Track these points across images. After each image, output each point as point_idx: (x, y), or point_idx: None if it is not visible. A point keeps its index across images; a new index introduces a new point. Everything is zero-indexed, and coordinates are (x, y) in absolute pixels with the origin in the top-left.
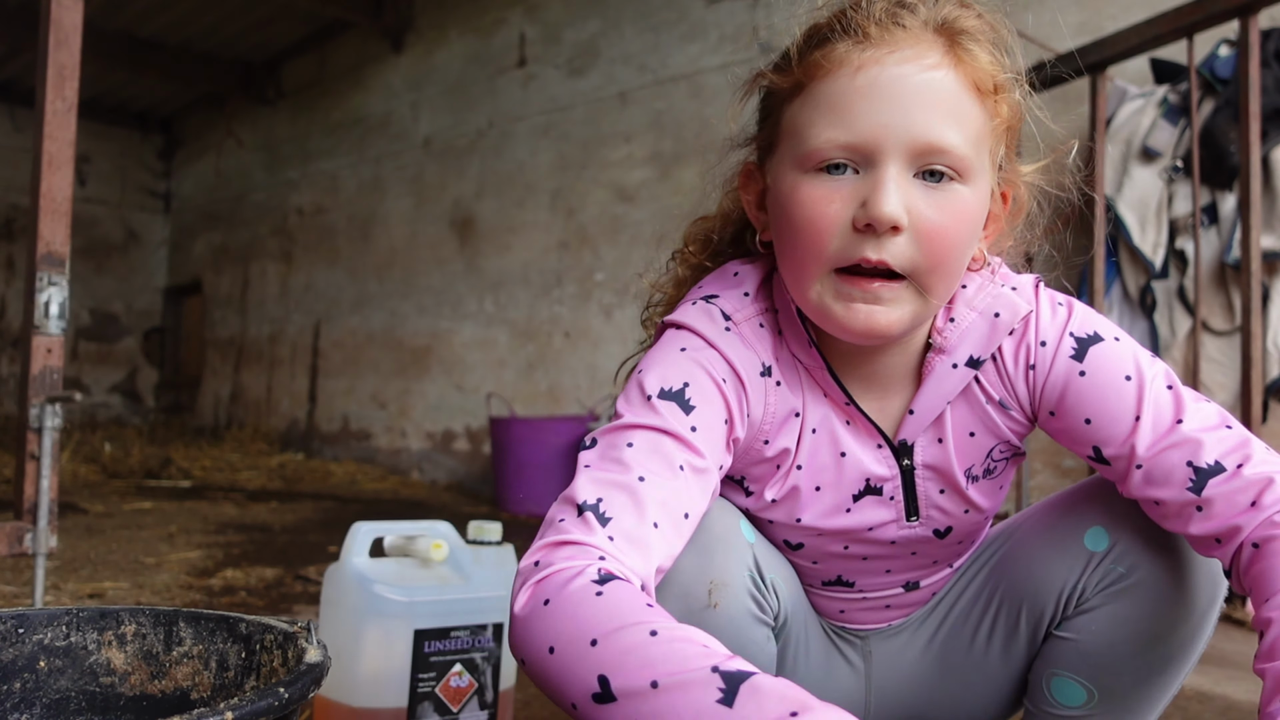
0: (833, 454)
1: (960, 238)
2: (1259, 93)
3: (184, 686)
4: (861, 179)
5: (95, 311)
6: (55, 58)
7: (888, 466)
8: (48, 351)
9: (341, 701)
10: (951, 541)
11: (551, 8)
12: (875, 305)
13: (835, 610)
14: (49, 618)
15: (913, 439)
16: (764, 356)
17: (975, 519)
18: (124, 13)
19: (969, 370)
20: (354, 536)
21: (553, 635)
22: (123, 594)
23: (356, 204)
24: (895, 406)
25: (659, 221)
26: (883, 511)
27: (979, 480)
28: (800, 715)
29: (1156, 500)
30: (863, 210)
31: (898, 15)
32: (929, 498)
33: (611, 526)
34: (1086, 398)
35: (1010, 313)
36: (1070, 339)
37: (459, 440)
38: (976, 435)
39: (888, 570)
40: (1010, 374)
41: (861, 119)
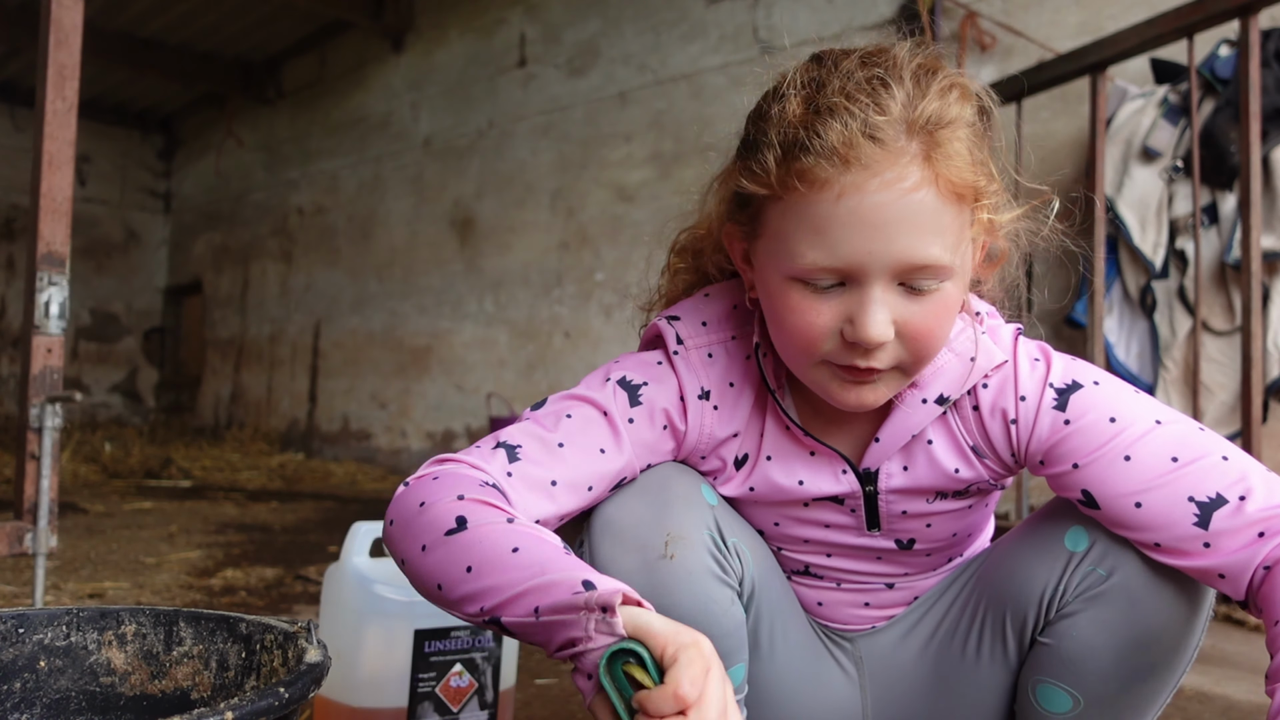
0: (790, 481)
1: (944, 329)
2: (1259, 93)
3: (184, 686)
4: (848, 293)
5: (95, 311)
6: (55, 57)
7: (849, 487)
8: (48, 351)
9: (342, 701)
10: (919, 552)
11: (552, 8)
12: (866, 388)
13: (814, 603)
14: (49, 618)
15: (876, 466)
16: (704, 382)
17: (942, 535)
18: (124, 12)
19: (936, 407)
20: (354, 536)
21: (425, 495)
22: (123, 594)
23: (357, 204)
24: (862, 432)
25: (659, 221)
26: (843, 516)
27: (948, 498)
28: None
29: (1156, 542)
30: (851, 328)
31: (874, 130)
32: (891, 514)
33: (516, 465)
34: (1073, 445)
35: (986, 359)
36: (1051, 391)
37: (459, 440)
38: (948, 471)
39: (855, 571)
40: (987, 426)
41: (845, 245)
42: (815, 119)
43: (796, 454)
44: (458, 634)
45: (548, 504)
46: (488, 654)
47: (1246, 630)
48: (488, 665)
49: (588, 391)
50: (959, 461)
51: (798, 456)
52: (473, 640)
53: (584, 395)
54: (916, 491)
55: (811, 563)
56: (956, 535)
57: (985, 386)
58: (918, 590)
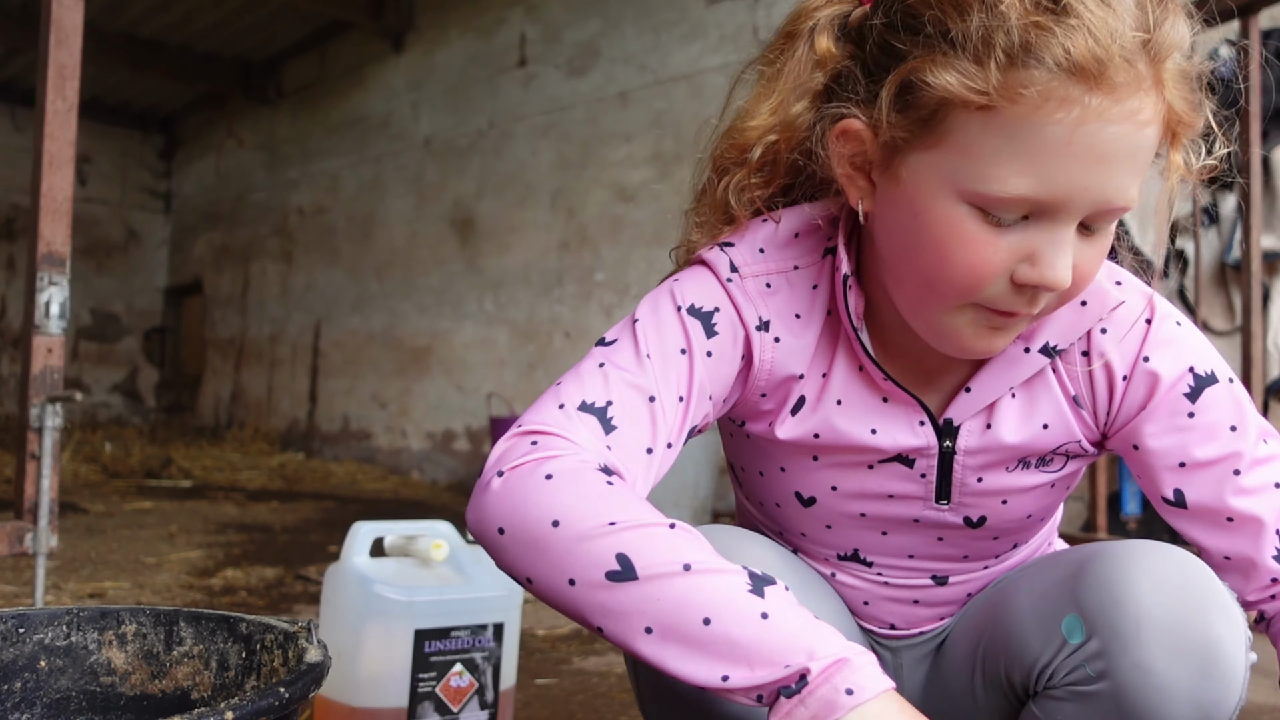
0: (861, 430)
1: (1100, 269)
2: (1259, 93)
3: (184, 686)
4: (1031, 230)
5: (96, 311)
6: (56, 58)
7: (925, 441)
8: (48, 351)
9: (342, 701)
10: (985, 535)
11: (552, 8)
12: (999, 333)
13: (859, 602)
14: (50, 617)
15: (960, 420)
16: (762, 312)
17: (1016, 514)
18: (125, 13)
19: (1043, 358)
20: (354, 536)
21: (558, 510)
22: (123, 594)
23: (357, 204)
24: (948, 382)
25: (659, 221)
26: (909, 484)
27: (1030, 468)
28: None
29: (1227, 555)
30: (1030, 270)
31: (1126, 49)
32: (964, 485)
33: (613, 436)
34: (1188, 443)
35: (1099, 303)
36: (1190, 375)
37: (459, 440)
38: (1035, 428)
39: (910, 555)
40: (1094, 376)
41: (1063, 177)
42: (1057, 22)
43: (869, 399)
44: (458, 634)
45: (643, 475)
46: (488, 654)
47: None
48: (488, 665)
49: (662, 322)
50: (1052, 414)
51: (870, 402)
52: (473, 640)
53: (660, 327)
54: (998, 452)
55: (862, 545)
56: (1031, 517)
57: (1104, 332)
58: (972, 588)
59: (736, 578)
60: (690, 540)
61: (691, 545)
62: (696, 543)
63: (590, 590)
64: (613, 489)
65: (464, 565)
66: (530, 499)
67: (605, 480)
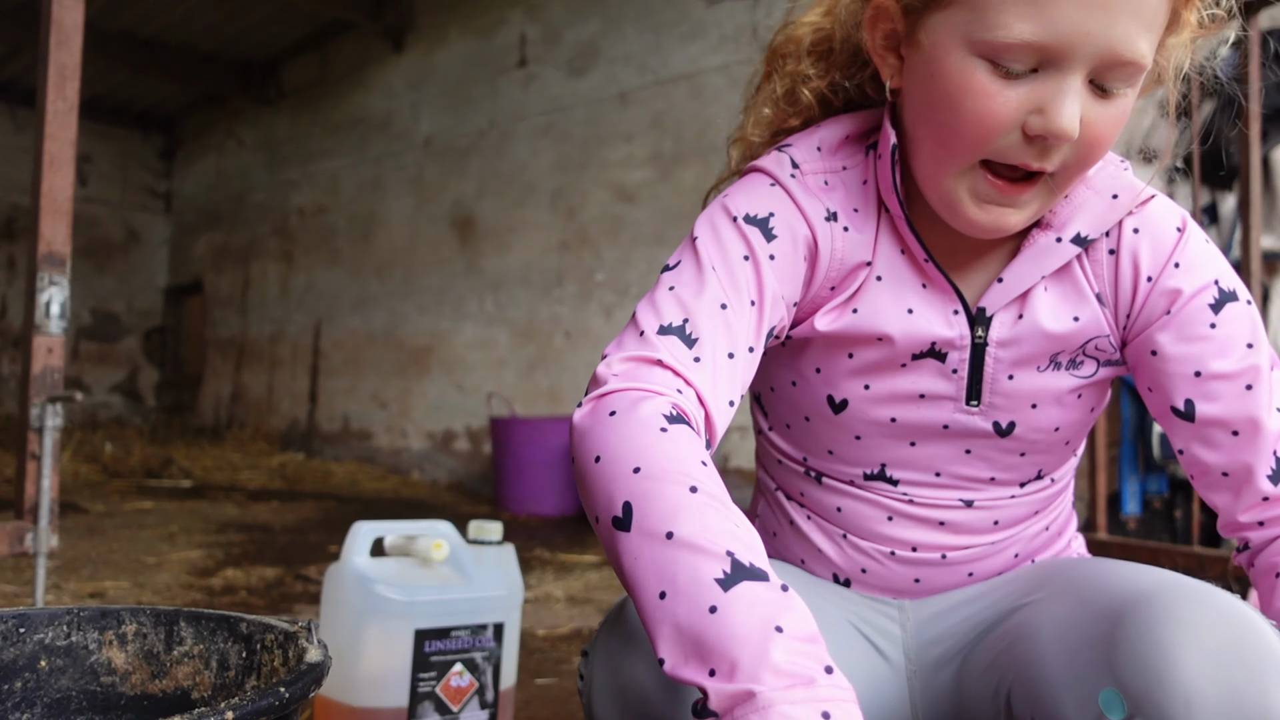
0: (898, 308)
1: (1113, 140)
2: (1259, 93)
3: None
4: (1039, 81)
5: (96, 311)
6: (56, 58)
7: (958, 332)
8: (48, 351)
9: (342, 701)
10: (1013, 448)
11: (552, 8)
12: (1009, 208)
13: (883, 519)
14: (50, 617)
15: (993, 310)
16: (828, 204)
17: (1044, 424)
18: (125, 13)
19: (1074, 247)
20: (354, 536)
21: (604, 446)
22: (123, 593)
23: (357, 204)
24: (982, 274)
25: (659, 221)
26: (941, 382)
27: (1060, 369)
28: (784, 631)
29: (1225, 471)
30: (1039, 119)
31: None
32: (996, 382)
33: (698, 348)
34: (1206, 353)
35: (1129, 195)
36: (1214, 287)
37: (459, 440)
38: (1066, 320)
39: (937, 473)
40: (1120, 273)
41: (1064, 20)
42: None
43: (910, 281)
44: (458, 634)
45: (727, 381)
46: (488, 654)
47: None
48: (488, 665)
49: (721, 236)
50: (1082, 308)
51: (910, 284)
52: (473, 640)
53: (720, 240)
54: (1030, 344)
55: (889, 459)
56: (1059, 431)
57: (1136, 232)
58: (999, 515)
59: (712, 562)
60: (698, 508)
61: (694, 513)
62: (702, 512)
63: (603, 529)
64: (661, 435)
65: (464, 565)
66: (590, 433)
67: (658, 426)
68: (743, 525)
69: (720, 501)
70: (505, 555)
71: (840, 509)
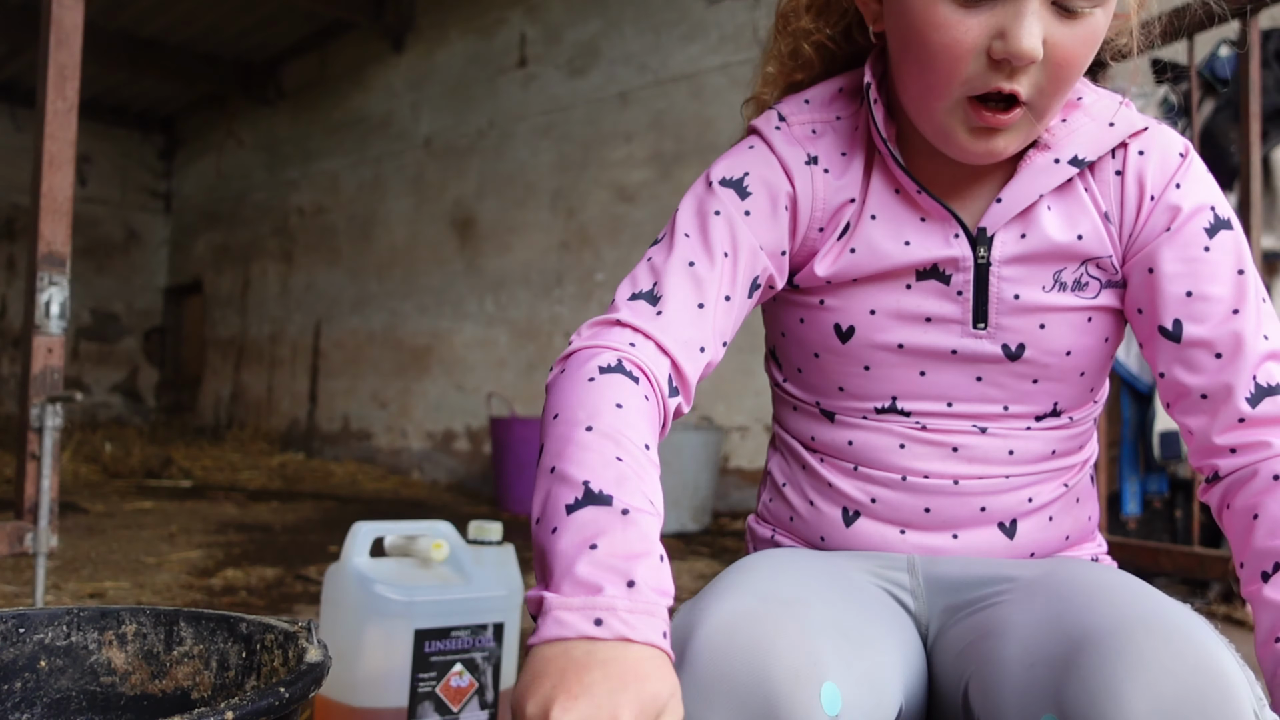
0: (895, 243)
1: (1086, 60)
2: (1259, 93)
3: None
4: (1000, 6)
5: (96, 311)
6: (56, 58)
7: (961, 252)
8: (48, 351)
9: (342, 701)
10: (1025, 373)
11: (552, 8)
12: (998, 134)
13: (895, 446)
14: (50, 617)
15: (994, 229)
16: (810, 150)
17: (1056, 347)
18: (125, 13)
19: (1070, 168)
20: (354, 536)
21: (550, 402)
22: (123, 594)
23: (357, 204)
24: (981, 198)
25: (659, 221)
26: (947, 305)
27: (1066, 290)
28: (598, 547)
29: (1204, 393)
30: (1001, 44)
31: None
32: (1002, 302)
33: (661, 304)
34: (1199, 274)
35: (1126, 124)
36: (1210, 212)
37: (459, 440)
38: (1070, 236)
39: (949, 403)
40: (1126, 194)
41: None
42: None
43: (906, 217)
44: (458, 634)
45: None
46: (488, 654)
47: (1246, 630)
48: (488, 665)
49: (697, 200)
50: (1086, 226)
51: (907, 220)
52: (473, 640)
53: (695, 205)
54: (1033, 261)
55: (899, 391)
56: (1071, 357)
57: (1141, 154)
58: (1014, 445)
59: (569, 490)
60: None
61: (575, 449)
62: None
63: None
64: (587, 385)
65: (464, 565)
66: (548, 392)
67: (587, 377)
68: (630, 456)
69: (611, 438)
70: (505, 555)
71: (851, 442)
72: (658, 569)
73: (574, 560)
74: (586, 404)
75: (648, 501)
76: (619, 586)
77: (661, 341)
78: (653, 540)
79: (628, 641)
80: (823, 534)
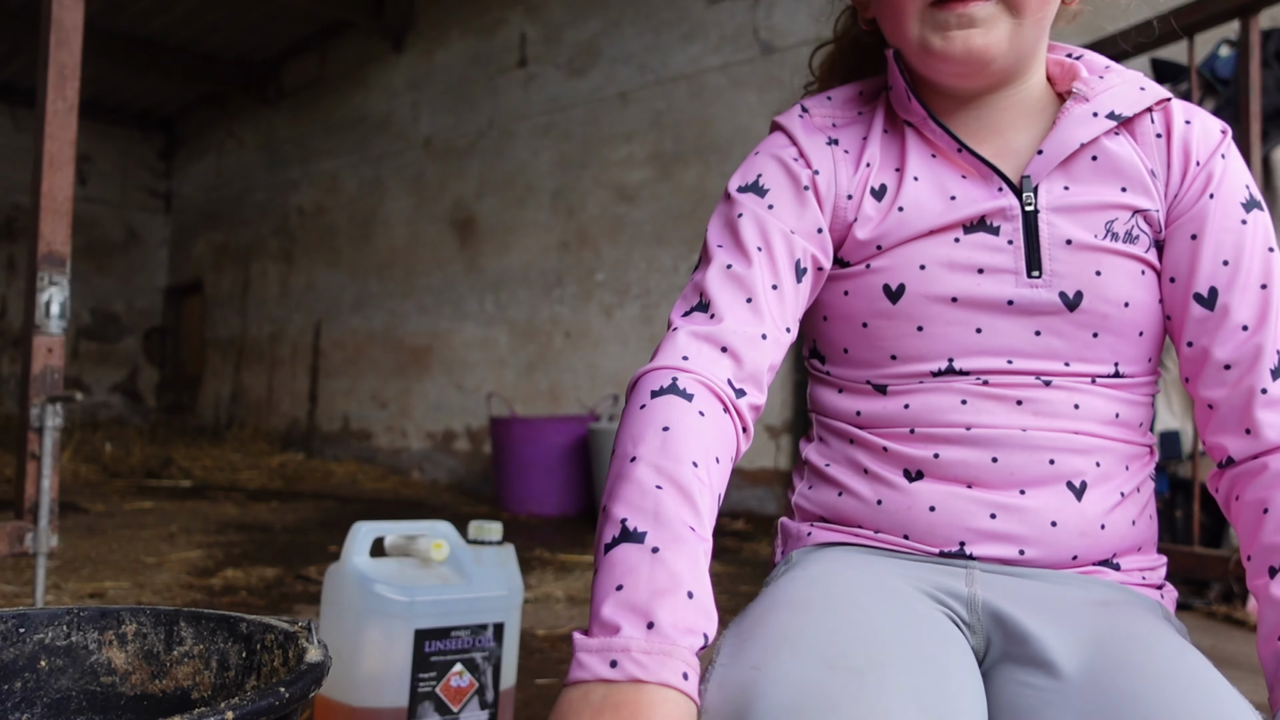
0: (941, 198)
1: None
2: (1259, 93)
3: (185, 686)
4: None
5: (96, 311)
6: (56, 57)
7: (1007, 202)
8: (48, 351)
9: (342, 701)
10: (1085, 323)
11: (552, 8)
12: (971, 29)
13: (956, 402)
14: (50, 617)
15: (1039, 178)
16: (831, 135)
17: (1114, 296)
18: (125, 12)
19: (1109, 121)
20: (354, 536)
21: (616, 440)
22: (123, 593)
23: (357, 204)
24: (1021, 150)
25: (659, 221)
26: (998, 255)
27: (1118, 240)
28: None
29: (1228, 364)
30: None
31: None
32: (1054, 245)
33: (712, 307)
34: (1236, 244)
35: (1155, 90)
36: (1246, 190)
37: (459, 440)
38: (1116, 187)
39: (1009, 360)
40: (1172, 156)
41: None
42: None
43: (948, 175)
44: (458, 634)
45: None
46: (488, 654)
47: (1247, 630)
48: (488, 665)
49: (723, 214)
50: (1131, 178)
51: (949, 178)
52: (473, 640)
53: (722, 218)
54: (1082, 211)
55: (955, 350)
56: (1129, 309)
57: (1188, 123)
58: (1079, 399)
59: (611, 528)
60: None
61: (620, 485)
62: (627, 482)
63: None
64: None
65: (464, 565)
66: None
67: (639, 404)
68: (671, 481)
69: (654, 465)
70: (505, 555)
71: (908, 405)
72: (684, 606)
73: (601, 601)
74: (634, 434)
75: (686, 528)
76: (638, 627)
77: (721, 341)
78: (682, 575)
79: (640, 683)
80: (880, 497)
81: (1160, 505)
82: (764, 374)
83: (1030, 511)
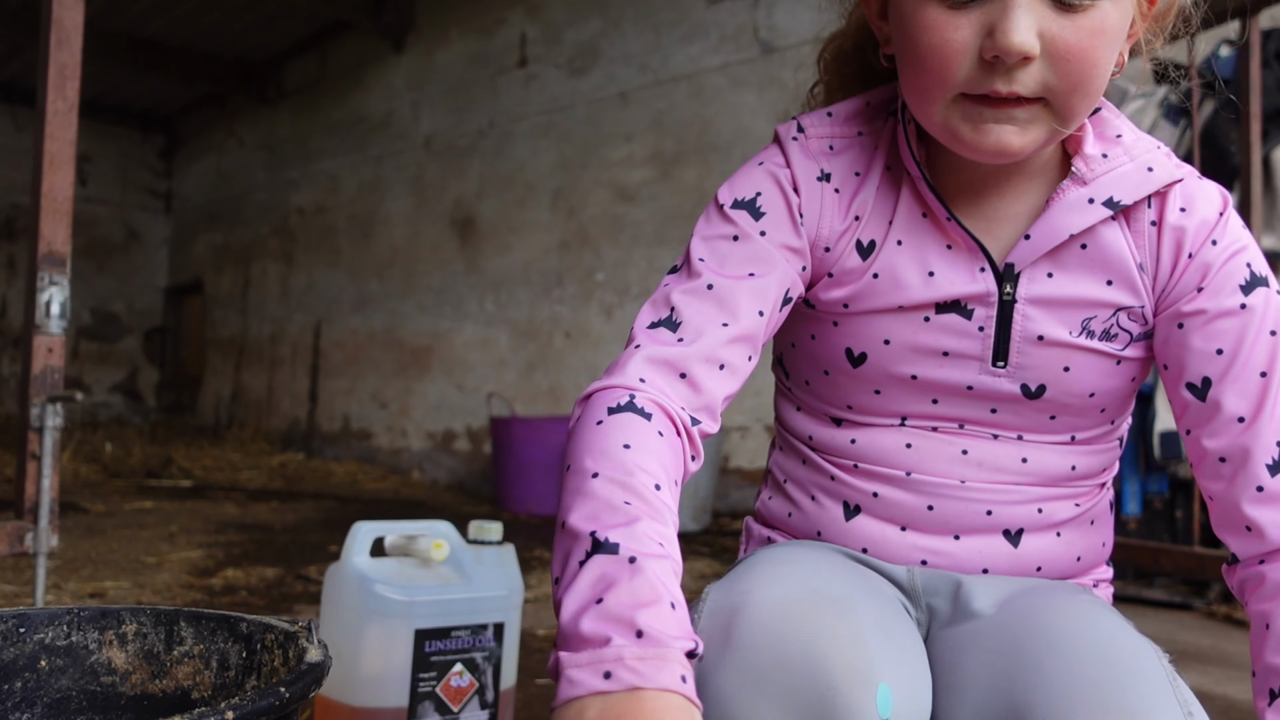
0: (919, 272)
1: (1099, 55)
2: (1259, 93)
3: (185, 686)
4: (989, 5)
5: (96, 311)
6: (56, 57)
7: (985, 288)
8: (49, 351)
9: (342, 701)
10: (1043, 409)
11: (552, 8)
12: (1008, 125)
13: (902, 445)
14: (50, 617)
15: (1022, 266)
16: (824, 166)
17: (1078, 388)
18: (125, 12)
19: (1104, 210)
20: (355, 536)
21: (567, 454)
22: (124, 593)
23: (357, 204)
24: (1009, 231)
25: (659, 221)
26: (966, 341)
27: (1094, 338)
28: (603, 601)
29: (1223, 456)
30: (990, 40)
31: None
32: (1024, 340)
33: (682, 329)
34: (1231, 333)
35: (1165, 172)
36: (1247, 270)
37: (459, 440)
38: (1099, 284)
39: (961, 425)
40: (1162, 247)
41: None
42: None
43: (932, 243)
44: (458, 634)
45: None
46: (488, 654)
47: (1247, 630)
48: (488, 665)
49: (711, 226)
50: (1118, 272)
51: (933, 247)
52: (473, 640)
53: (709, 231)
54: (1061, 306)
55: (911, 412)
56: (1095, 398)
57: (1182, 210)
58: (1028, 454)
59: (579, 545)
60: (587, 494)
61: (582, 500)
62: (589, 497)
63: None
64: (595, 429)
65: (464, 565)
66: (567, 438)
67: (595, 420)
68: (639, 498)
69: (619, 482)
70: (505, 555)
71: (854, 440)
72: (668, 616)
73: (579, 616)
74: (594, 450)
75: (657, 545)
76: (627, 636)
77: (681, 367)
78: (663, 586)
79: (639, 690)
80: (820, 529)
81: (1160, 505)
82: (719, 404)
83: (962, 557)
